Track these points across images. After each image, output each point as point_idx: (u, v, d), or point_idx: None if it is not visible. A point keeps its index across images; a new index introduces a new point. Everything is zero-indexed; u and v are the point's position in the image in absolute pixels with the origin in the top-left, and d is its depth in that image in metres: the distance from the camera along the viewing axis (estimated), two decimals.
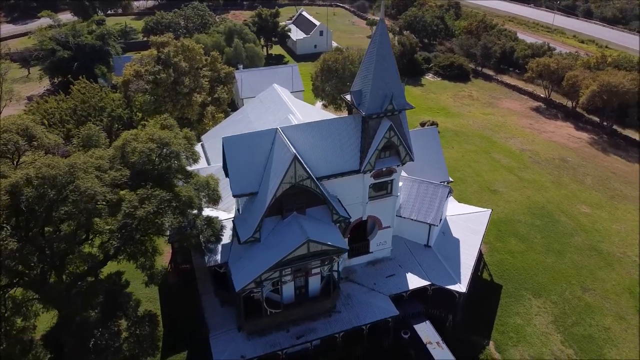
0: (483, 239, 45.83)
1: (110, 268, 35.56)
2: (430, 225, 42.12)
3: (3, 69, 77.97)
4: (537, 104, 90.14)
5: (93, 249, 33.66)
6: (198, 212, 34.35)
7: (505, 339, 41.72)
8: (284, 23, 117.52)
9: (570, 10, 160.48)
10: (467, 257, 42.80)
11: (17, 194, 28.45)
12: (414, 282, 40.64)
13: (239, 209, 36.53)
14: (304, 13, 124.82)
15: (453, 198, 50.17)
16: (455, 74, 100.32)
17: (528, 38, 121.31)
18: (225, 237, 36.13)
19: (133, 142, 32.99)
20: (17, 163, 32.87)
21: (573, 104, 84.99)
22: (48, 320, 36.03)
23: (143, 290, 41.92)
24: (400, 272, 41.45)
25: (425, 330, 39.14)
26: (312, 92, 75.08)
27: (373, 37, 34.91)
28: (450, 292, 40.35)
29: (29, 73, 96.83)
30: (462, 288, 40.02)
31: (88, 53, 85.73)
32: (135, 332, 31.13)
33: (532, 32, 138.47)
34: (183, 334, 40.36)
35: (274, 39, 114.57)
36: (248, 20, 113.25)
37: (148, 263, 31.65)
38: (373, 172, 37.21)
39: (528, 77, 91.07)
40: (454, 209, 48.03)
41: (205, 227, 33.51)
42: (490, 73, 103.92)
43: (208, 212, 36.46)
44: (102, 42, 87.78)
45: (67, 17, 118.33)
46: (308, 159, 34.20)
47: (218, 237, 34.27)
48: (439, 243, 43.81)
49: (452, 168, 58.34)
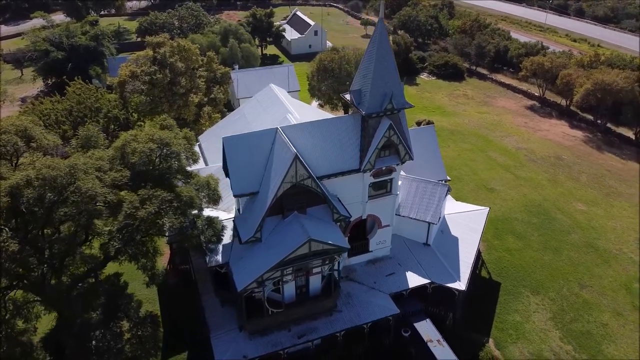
0: (481, 237, 46.06)
1: (109, 269, 35.46)
2: (430, 224, 42.27)
3: None
4: (531, 103, 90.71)
5: (92, 251, 33.58)
6: (198, 212, 34.33)
7: (505, 336, 41.96)
8: (279, 23, 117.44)
9: (563, 9, 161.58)
10: (466, 255, 42.98)
11: (17, 196, 28.31)
12: (414, 280, 40.78)
13: (239, 209, 36.50)
14: (299, 13, 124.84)
15: (451, 196, 50.35)
16: (450, 73, 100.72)
17: (521, 37, 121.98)
18: (226, 237, 36.07)
19: (133, 142, 32.85)
20: (15, 164, 32.72)
21: (567, 102, 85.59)
22: (48, 323, 35.86)
23: (142, 291, 41.88)
24: (400, 270, 41.58)
25: (426, 328, 39.29)
26: (308, 91, 75.12)
27: (373, 36, 35.03)
28: (450, 290, 40.52)
29: (22, 74, 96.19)
30: (461, 286, 40.20)
31: (82, 54, 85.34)
32: (137, 333, 31.05)
33: (524, 31, 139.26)
34: (183, 335, 40.26)
35: (269, 39, 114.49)
36: (242, 21, 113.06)
37: (149, 264, 31.59)
38: (373, 171, 37.30)
39: (522, 75, 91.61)
40: (452, 208, 48.23)
41: (206, 227, 33.46)
42: (485, 72, 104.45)
43: (208, 212, 36.40)
44: (96, 42, 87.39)
45: (59, 17, 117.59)
46: (308, 159, 34.23)
47: (219, 237, 34.24)
48: (438, 241, 43.99)
49: (448, 167, 58.43)
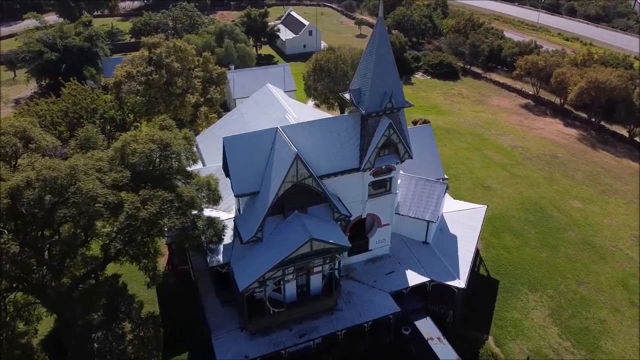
0: (479, 235, 46.28)
1: (107, 271, 35.33)
2: (429, 222, 42.43)
3: None
4: (526, 101, 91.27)
5: (91, 252, 33.43)
6: (199, 212, 34.26)
7: (504, 333, 42.21)
8: (273, 23, 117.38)
9: (555, 9, 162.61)
10: (464, 253, 43.18)
11: (17, 197, 28.14)
12: (414, 278, 40.91)
13: (240, 209, 36.45)
14: (293, 13, 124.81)
15: (449, 195, 50.52)
16: (445, 73, 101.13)
17: (514, 36, 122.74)
18: (227, 237, 36.01)
19: (133, 143, 32.76)
20: (14, 166, 32.53)
21: (561, 101, 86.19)
22: (47, 325, 35.73)
23: (141, 292, 41.76)
24: (400, 269, 41.70)
25: (426, 326, 39.43)
26: (304, 91, 75.13)
27: (372, 35, 35.06)
28: (449, 288, 40.69)
29: (15, 75, 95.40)
30: (461, 284, 40.38)
31: (76, 55, 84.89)
32: (140, 334, 30.97)
33: (517, 30, 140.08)
34: (183, 335, 40.12)
35: (263, 39, 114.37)
36: (237, 21, 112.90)
37: (151, 264, 31.50)
38: (372, 170, 37.38)
39: (517, 74, 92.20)
40: (450, 206, 48.40)
41: (207, 227, 33.41)
42: (479, 71, 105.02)
43: (208, 212, 36.33)
44: (90, 43, 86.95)
45: (52, 18, 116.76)
46: (309, 158, 34.24)
47: (220, 237, 34.22)
48: (437, 240, 44.15)
49: (445, 165, 58.63)
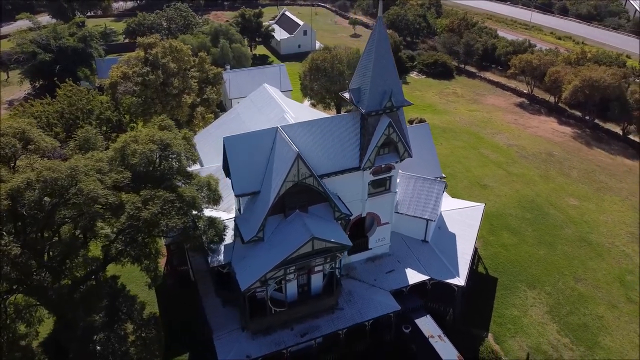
0: (478, 233, 46.50)
1: (106, 272, 35.25)
2: (428, 221, 42.63)
3: None
4: (520, 100, 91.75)
5: (90, 253, 33.31)
6: (199, 212, 34.18)
7: (504, 330, 42.46)
8: (267, 23, 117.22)
9: (547, 8, 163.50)
10: (463, 251, 43.42)
11: (17, 199, 27.98)
12: (414, 277, 41.08)
13: (240, 209, 36.42)
14: (287, 13, 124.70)
15: (447, 193, 50.76)
16: (440, 72, 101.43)
17: (507, 35, 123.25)
18: (227, 237, 35.93)
19: (133, 144, 32.67)
20: (13, 167, 32.32)
21: (555, 99, 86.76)
22: (47, 327, 35.50)
23: (140, 293, 41.55)
24: (400, 267, 41.85)
25: (427, 324, 39.63)
26: (300, 91, 75.17)
27: (372, 34, 35.17)
28: (449, 285, 40.88)
29: (8, 77, 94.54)
30: (460, 281, 40.58)
31: (70, 56, 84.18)
32: (142, 335, 30.87)
33: (510, 29, 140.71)
34: (184, 336, 39.97)
35: (258, 39, 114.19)
36: (231, 21, 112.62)
37: (152, 265, 31.43)
38: (372, 168, 37.49)
39: (511, 73, 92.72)
40: (448, 204, 48.63)
41: (208, 227, 33.35)
42: (473, 70, 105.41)
43: (208, 212, 36.26)
44: (84, 44, 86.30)
45: (45, 19, 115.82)
46: (309, 157, 34.27)
47: (221, 237, 34.17)
48: (436, 238, 44.34)
49: (442, 164, 58.53)
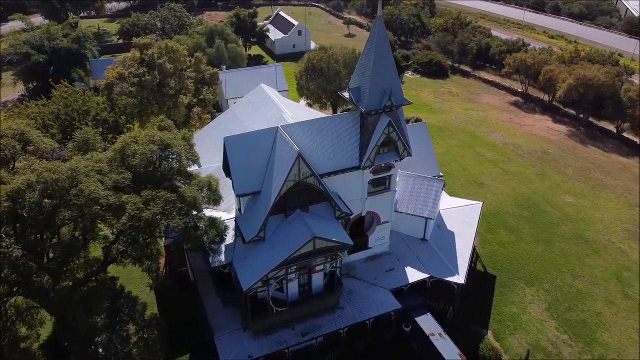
0: (476, 231, 46.72)
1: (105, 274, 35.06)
2: (427, 219, 42.76)
3: None
4: (515, 99, 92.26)
5: (91, 254, 33.15)
6: (198, 213, 34.09)
7: (503, 328, 42.70)
8: (262, 23, 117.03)
9: (539, 7, 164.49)
10: (462, 249, 43.63)
11: (17, 200, 27.81)
12: (413, 275, 41.21)
13: (240, 209, 36.36)
14: (281, 13, 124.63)
15: (444, 192, 50.94)
16: (434, 71, 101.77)
17: (501, 34, 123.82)
18: (228, 237, 35.87)
19: (133, 144, 32.56)
20: (12, 168, 32.10)
21: (550, 98, 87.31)
22: (46, 329, 35.29)
23: (139, 294, 41.28)
24: (399, 266, 41.97)
25: (427, 322, 39.79)
26: (296, 91, 75.18)
27: (371, 33, 35.23)
28: (448, 283, 41.04)
29: (1, 78, 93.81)
30: (460, 279, 40.75)
31: (64, 56, 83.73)
32: (144, 336, 30.74)
33: (503, 28, 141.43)
34: (184, 337, 39.85)
35: (253, 39, 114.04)
36: (225, 21, 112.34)
37: (154, 266, 31.33)
38: (372, 167, 37.57)
39: (505, 72, 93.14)
40: (446, 203, 48.83)
41: (209, 228, 33.28)
42: (468, 69, 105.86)
43: (208, 212, 36.18)
44: (78, 45, 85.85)
45: (37, 20, 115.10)
46: (309, 157, 34.26)
47: (222, 237, 34.10)
48: (435, 236, 44.51)
49: (438, 163, 58.61)
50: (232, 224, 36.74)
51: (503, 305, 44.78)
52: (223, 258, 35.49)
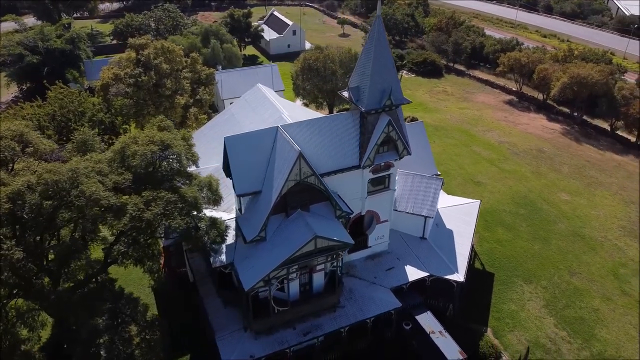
0: (475, 229, 46.94)
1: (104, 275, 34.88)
2: (426, 218, 42.92)
3: None
4: (509, 97, 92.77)
5: (91, 255, 33.02)
6: (198, 213, 34.00)
7: (502, 325, 42.93)
8: (257, 23, 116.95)
9: (532, 6, 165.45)
10: (461, 247, 43.85)
11: (17, 202, 27.63)
12: (413, 274, 41.33)
13: (241, 209, 36.31)
14: (276, 13, 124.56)
15: (442, 190, 51.08)
16: (429, 70, 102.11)
17: (494, 34, 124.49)
18: (228, 237, 35.81)
19: (132, 145, 32.44)
20: (11, 170, 31.90)
21: (544, 96, 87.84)
22: (46, 331, 35.04)
23: (138, 295, 41.12)
24: (399, 264, 42.08)
25: (427, 320, 39.94)
26: (293, 91, 75.22)
27: (370, 33, 35.34)
28: (448, 282, 41.20)
29: None
30: (460, 277, 40.94)
31: (58, 58, 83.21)
32: (146, 337, 30.64)
33: (496, 28, 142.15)
34: (184, 337, 39.75)
35: (247, 40, 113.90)
36: (219, 21, 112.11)
37: (155, 266, 31.23)
38: (372, 167, 37.67)
39: (500, 71, 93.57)
40: (445, 201, 49.01)
41: (210, 228, 33.21)
42: (462, 68, 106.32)
43: (208, 213, 36.07)
44: (72, 46, 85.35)
45: (30, 21, 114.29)
46: (310, 156, 34.25)
47: (223, 237, 34.02)
48: (434, 235, 44.67)
49: (435, 162, 59.13)
50: (232, 224, 36.72)
51: (502, 303, 45.04)
52: (224, 258, 35.43)
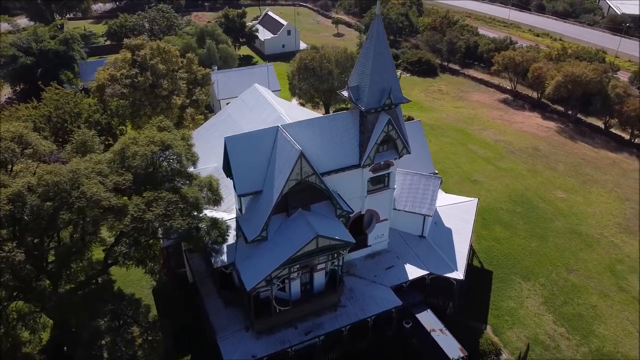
0: (473, 227, 47.14)
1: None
2: (425, 216, 43.06)
3: None
4: (504, 96, 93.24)
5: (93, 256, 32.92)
6: (198, 213, 33.94)
7: (501, 322, 43.16)
8: (251, 23, 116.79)
9: (524, 5, 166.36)
10: (460, 245, 44.02)
11: (17, 203, 27.47)
12: (413, 272, 41.45)
13: (241, 209, 36.27)
14: (270, 13, 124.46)
15: (440, 189, 51.25)
16: (424, 70, 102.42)
17: (488, 33, 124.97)
18: (229, 237, 35.76)
19: (132, 146, 32.33)
20: (10, 171, 31.70)
21: (538, 95, 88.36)
22: (46, 333, 34.83)
23: (138, 296, 41.03)
24: (399, 263, 42.19)
25: (428, 319, 40.08)
26: (289, 90, 75.23)
27: (370, 32, 35.40)
28: (447, 280, 41.36)
29: None
30: (459, 275, 41.11)
31: (52, 59, 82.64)
32: (148, 338, 30.55)
33: (489, 27, 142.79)
34: (184, 338, 39.62)
35: (242, 40, 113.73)
36: (213, 22, 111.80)
37: (157, 267, 31.14)
38: (372, 166, 37.75)
39: (494, 70, 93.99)
40: (443, 200, 49.13)
41: (211, 228, 33.16)
42: (457, 67, 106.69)
43: (207, 213, 36.01)
44: (66, 47, 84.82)
45: (23, 22, 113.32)
46: (310, 156, 34.23)
47: (224, 237, 33.98)
48: (433, 233, 44.83)
49: (432, 161, 59.59)
50: (233, 224, 36.66)
51: (501, 300, 45.28)
52: (225, 258, 35.38)
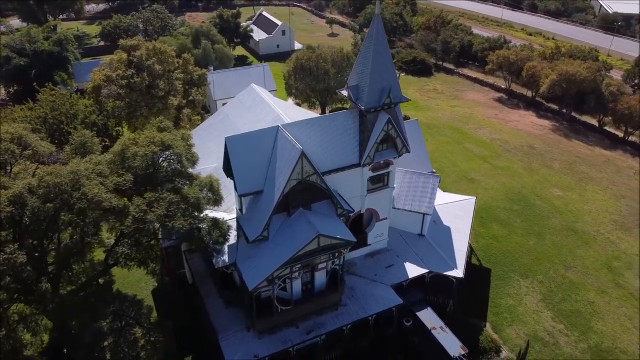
0: (472, 226, 47.36)
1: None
2: (424, 215, 43.21)
3: None
4: (499, 95, 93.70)
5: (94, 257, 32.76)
6: (200, 213, 33.88)
7: (501, 320, 43.39)
8: (245, 23, 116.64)
9: (517, 4, 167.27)
10: (459, 243, 44.19)
11: (18, 205, 27.31)
12: (413, 270, 41.58)
13: (242, 209, 36.24)
14: (264, 13, 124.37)
15: (438, 188, 51.47)
16: (419, 69, 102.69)
17: (481, 32, 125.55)
18: (230, 237, 35.71)
19: (132, 146, 32.23)
20: (9, 173, 31.51)
21: (533, 93, 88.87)
22: (46, 334, 34.62)
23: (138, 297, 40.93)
24: (399, 262, 42.32)
25: (428, 317, 40.24)
26: (285, 90, 75.22)
27: (369, 32, 35.49)
28: (447, 278, 41.53)
29: None
30: (459, 273, 41.28)
31: (46, 60, 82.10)
32: (151, 339, 30.46)
33: (483, 26, 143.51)
34: (185, 339, 39.51)
35: (236, 40, 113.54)
36: (207, 22, 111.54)
37: (158, 268, 31.05)
38: (372, 165, 37.84)
39: (489, 69, 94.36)
40: (441, 198, 49.33)
41: (212, 228, 33.11)
42: (451, 67, 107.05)
43: (208, 213, 35.95)
44: (60, 47, 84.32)
45: (15, 23, 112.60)
46: (310, 155, 34.22)
47: (226, 237, 33.92)
48: (432, 231, 44.99)
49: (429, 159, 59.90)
50: (233, 224, 36.63)
51: (499, 298, 45.52)
52: (226, 258, 35.34)
